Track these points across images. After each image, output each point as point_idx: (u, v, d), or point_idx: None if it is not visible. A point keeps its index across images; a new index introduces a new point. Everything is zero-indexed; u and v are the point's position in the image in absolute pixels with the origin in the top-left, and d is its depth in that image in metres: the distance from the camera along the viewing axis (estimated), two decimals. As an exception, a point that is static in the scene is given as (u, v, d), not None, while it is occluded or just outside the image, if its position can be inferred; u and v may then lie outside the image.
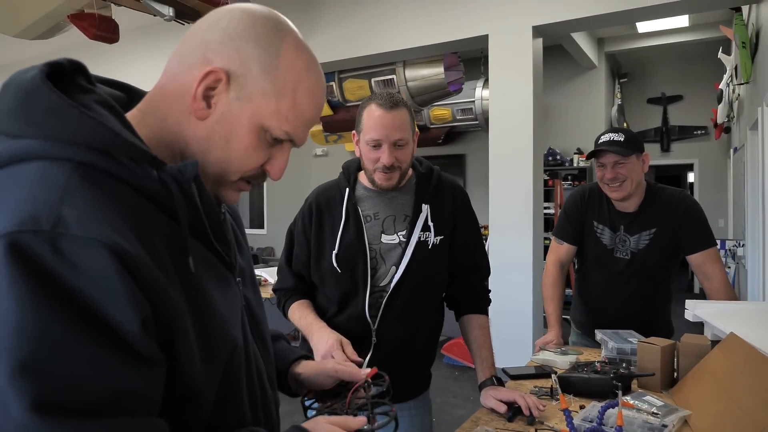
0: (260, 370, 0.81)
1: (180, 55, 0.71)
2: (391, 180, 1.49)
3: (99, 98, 0.66)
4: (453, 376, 4.76)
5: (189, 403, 0.65)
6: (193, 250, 0.66)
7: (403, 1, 4.77)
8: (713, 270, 1.97)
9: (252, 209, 11.01)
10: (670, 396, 1.48)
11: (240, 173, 0.72)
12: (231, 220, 0.86)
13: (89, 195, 0.58)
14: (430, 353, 1.67)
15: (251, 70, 0.68)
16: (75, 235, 0.54)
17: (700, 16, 6.52)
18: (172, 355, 0.61)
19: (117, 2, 3.87)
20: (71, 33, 4.60)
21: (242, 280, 0.80)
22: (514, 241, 4.35)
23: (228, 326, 0.70)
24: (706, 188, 8.08)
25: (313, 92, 0.72)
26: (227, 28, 0.69)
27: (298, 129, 0.72)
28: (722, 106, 6.19)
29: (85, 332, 0.53)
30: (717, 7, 4.11)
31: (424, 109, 7.04)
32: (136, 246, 0.58)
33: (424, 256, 1.52)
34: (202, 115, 0.68)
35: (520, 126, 4.34)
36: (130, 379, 0.56)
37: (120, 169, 0.62)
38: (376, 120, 1.44)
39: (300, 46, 0.72)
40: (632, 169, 1.99)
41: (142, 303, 0.57)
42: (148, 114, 0.71)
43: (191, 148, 0.70)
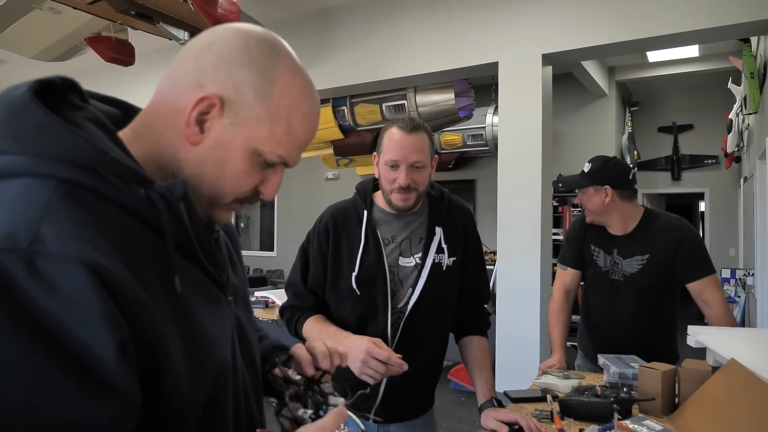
0: (247, 391, 0.79)
1: (172, 77, 0.70)
2: (408, 201, 1.51)
3: (90, 115, 0.66)
4: (459, 401, 4.72)
5: (172, 421, 0.63)
6: (182, 270, 0.65)
7: (415, 28, 4.86)
8: (712, 297, 1.97)
9: (262, 232, 11.08)
10: (670, 421, 1.48)
11: (233, 196, 0.72)
12: (225, 238, 0.86)
13: (70, 213, 0.56)
14: (438, 373, 1.69)
15: (245, 96, 0.67)
16: (52, 253, 0.53)
17: (711, 47, 6.57)
18: (156, 375, 0.59)
19: (133, 26, 3.98)
20: (88, 55, 4.73)
21: (234, 299, 0.79)
22: (522, 267, 4.35)
23: (216, 347, 0.69)
24: (717, 217, 8.04)
25: (308, 116, 0.72)
26: (221, 51, 0.68)
27: (291, 152, 0.72)
28: (732, 136, 6.20)
29: (49, 359, 0.51)
30: (725, 38, 4.15)
31: (435, 134, 7.11)
32: (117, 265, 0.56)
33: (438, 278, 1.55)
34: (196, 140, 0.68)
35: (529, 152, 4.37)
36: (94, 412, 0.52)
37: (106, 187, 0.61)
38: (395, 142, 1.48)
39: (295, 69, 0.71)
40: (588, 199, 2.14)
41: (120, 325, 0.54)
42: (141, 134, 0.70)
43: (185, 171, 0.69)
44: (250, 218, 11.35)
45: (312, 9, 5.32)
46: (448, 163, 7.98)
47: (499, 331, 4.43)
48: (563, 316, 2.22)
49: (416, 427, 1.61)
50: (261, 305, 4.31)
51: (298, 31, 5.43)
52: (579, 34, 4.21)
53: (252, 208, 11.28)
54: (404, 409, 1.59)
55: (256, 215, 11.28)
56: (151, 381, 0.59)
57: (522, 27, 4.41)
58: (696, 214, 11.53)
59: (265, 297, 4.50)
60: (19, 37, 4.27)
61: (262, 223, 11.11)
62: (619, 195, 2.08)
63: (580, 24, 4.19)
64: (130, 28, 4.17)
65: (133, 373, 0.56)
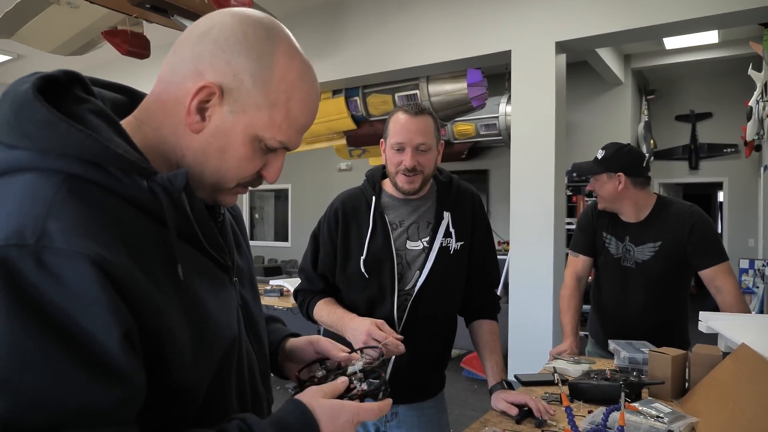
0: (252, 367, 0.82)
1: (172, 65, 0.71)
2: (413, 183, 1.54)
3: (94, 108, 0.67)
4: (472, 389, 4.74)
5: (179, 398, 0.66)
6: (186, 256, 0.68)
7: (427, 17, 4.84)
8: (725, 284, 1.97)
9: (277, 222, 11.17)
10: (679, 404, 1.49)
11: (236, 181, 0.73)
12: (231, 220, 0.88)
13: (75, 208, 0.59)
14: (447, 356, 1.71)
15: (244, 83, 0.68)
16: (59, 249, 0.55)
17: (730, 33, 6.45)
18: (162, 358, 0.62)
19: (148, 19, 4.02)
20: (104, 49, 4.79)
21: (240, 280, 0.82)
22: (535, 257, 4.34)
23: (221, 327, 0.71)
24: (736, 207, 7.92)
25: (307, 100, 0.72)
26: (218, 39, 0.68)
27: (292, 137, 0.73)
28: (752, 124, 6.09)
29: (58, 348, 0.54)
30: (744, 23, 4.07)
31: (448, 124, 7.09)
32: (121, 257, 0.59)
33: (446, 261, 1.57)
34: (197, 128, 0.69)
35: (542, 142, 4.35)
36: (99, 396, 0.55)
37: (110, 181, 0.63)
38: (401, 125, 1.52)
39: (293, 53, 0.71)
40: (601, 186, 2.12)
41: (124, 315, 0.57)
42: (144, 122, 0.72)
43: (187, 158, 0.71)
44: (265, 209, 11.45)
45: (323, 0, 5.32)
46: (461, 153, 7.95)
47: (512, 320, 4.43)
48: (574, 302, 2.23)
49: (425, 410, 1.63)
50: (276, 293, 4.36)
51: (310, 22, 5.44)
52: (593, 21, 4.16)
53: (266, 200, 11.37)
54: (412, 391, 1.61)
55: (270, 206, 11.37)
56: (156, 364, 0.62)
57: (535, 15, 4.37)
58: (714, 204, 11.37)
59: (280, 285, 4.56)
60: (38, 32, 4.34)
61: (276, 214, 11.20)
62: (632, 182, 2.07)
63: (594, 11, 4.14)
64: (145, 21, 4.21)
65: (138, 359, 0.59)
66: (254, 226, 11.36)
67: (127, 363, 0.57)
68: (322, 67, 5.30)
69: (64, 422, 0.54)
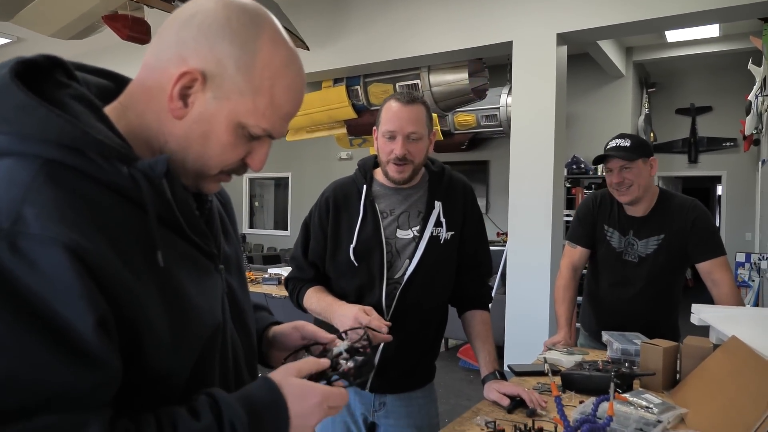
0: (237, 355, 0.81)
1: (157, 50, 0.70)
2: (403, 173, 1.54)
3: (75, 93, 0.66)
4: (468, 379, 4.78)
5: (159, 384, 0.67)
6: (168, 243, 0.67)
7: (429, 7, 4.83)
8: (721, 277, 1.99)
9: (276, 211, 11.18)
10: (670, 396, 1.51)
11: (220, 168, 0.73)
12: (219, 207, 0.87)
13: (52, 194, 0.58)
14: (437, 346, 1.72)
15: (227, 69, 0.67)
16: (33, 234, 0.55)
17: (731, 27, 6.44)
18: (138, 345, 0.62)
19: (149, 4, 4.00)
20: (105, 34, 4.77)
21: (227, 267, 0.81)
22: (533, 248, 4.36)
23: (203, 315, 0.71)
24: (734, 201, 7.94)
25: (292, 87, 0.72)
26: (202, 24, 0.68)
27: (276, 124, 0.72)
28: (750, 118, 6.09)
29: (32, 332, 0.54)
30: (745, 17, 4.08)
31: (449, 115, 7.08)
32: (97, 243, 0.58)
33: (436, 251, 1.58)
34: (180, 114, 0.68)
35: (541, 133, 4.35)
36: (74, 381, 0.56)
37: (89, 166, 0.62)
38: (392, 113, 1.52)
39: (278, 40, 0.70)
40: (638, 173, 2.03)
41: (99, 301, 0.57)
42: (128, 107, 0.71)
43: (170, 145, 0.70)
44: (265, 197, 11.45)
45: (326, -13, 5.30)
46: (462, 143, 7.95)
47: (509, 310, 4.46)
48: (570, 293, 2.23)
49: (413, 400, 1.64)
50: (274, 282, 4.38)
51: (312, 10, 5.41)
52: (595, 12, 4.15)
53: (266, 188, 11.37)
54: (401, 380, 1.62)
55: (270, 195, 11.37)
56: (134, 350, 0.62)
57: (536, 6, 4.36)
58: (713, 198, 11.38)
59: (279, 274, 4.58)
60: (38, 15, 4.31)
61: (276, 203, 11.21)
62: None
63: (595, 2, 4.13)
64: (146, 6, 4.19)
65: (113, 345, 0.59)
66: (254, 214, 11.37)
67: (102, 348, 0.57)
68: (323, 56, 5.29)
69: (38, 406, 0.54)
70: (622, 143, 2.06)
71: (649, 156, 2.06)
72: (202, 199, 0.80)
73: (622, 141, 2.07)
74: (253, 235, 10.85)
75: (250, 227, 11.19)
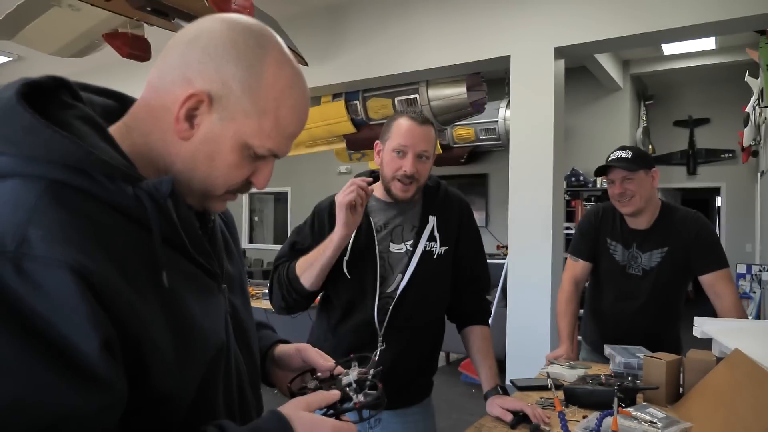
0: (241, 375, 0.81)
1: (161, 71, 0.70)
2: (407, 192, 1.55)
3: (80, 113, 0.67)
4: (470, 393, 4.75)
5: (163, 405, 0.66)
6: (172, 263, 0.68)
7: (427, 22, 4.87)
8: (724, 290, 1.99)
9: (276, 226, 11.17)
10: (674, 410, 1.50)
11: (225, 188, 0.73)
12: (222, 225, 0.87)
13: (57, 216, 0.58)
14: (433, 362, 1.71)
15: (233, 91, 0.68)
16: (38, 256, 0.55)
17: (727, 39, 6.49)
18: (143, 366, 0.62)
19: (149, 22, 4.04)
20: (105, 51, 4.80)
21: (230, 287, 0.81)
22: (533, 261, 4.35)
23: (207, 335, 0.71)
24: (734, 212, 7.95)
25: (297, 108, 0.73)
26: (207, 46, 0.68)
27: (281, 144, 0.73)
28: (749, 129, 6.12)
29: (38, 355, 0.54)
30: (741, 30, 4.11)
31: (448, 129, 7.11)
32: (103, 264, 0.58)
33: (429, 265, 1.58)
34: (186, 136, 0.69)
35: (540, 146, 4.36)
36: (80, 403, 0.55)
37: (94, 187, 0.62)
38: (406, 129, 1.53)
39: (283, 61, 0.71)
40: (640, 184, 2.03)
41: (104, 323, 0.57)
42: (133, 128, 0.72)
43: (177, 166, 0.71)
44: (264, 212, 11.45)
45: (324, 4, 5.35)
46: (461, 157, 7.97)
47: (510, 324, 4.44)
48: (572, 307, 2.23)
49: (409, 416, 1.62)
50: (274, 297, 4.36)
51: (310, 26, 5.46)
52: (592, 26, 4.19)
53: (266, 203, 11.37)
54: (396, 397, 1.60)
55: (269, 209, 11.37)
56: (138, 371, 0.62)
57: (534, 20, 4.40)
58: (712, 209, 11.39)
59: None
60: (39, 34, 4.34)
61: (276, 217, 11.21)
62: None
63: (592, 16, 4.17)
64: (146, 24, 4.22)
65: (118, 367, 0.59)
66: (254, 229, 11.36)
67: (108, 370, 0.57)
68: (322, 71, 5.32)
69: (45, 429, 0.54)
70: (624, 155, 2.07)
71: (650, 168, 2.07)
72: (205, 219, 0.80)
73: (623, 152, 2.08)
74: (253, 250, 10.83)
75: (250, 242, 11.18)
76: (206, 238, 0.78)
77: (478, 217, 8.12)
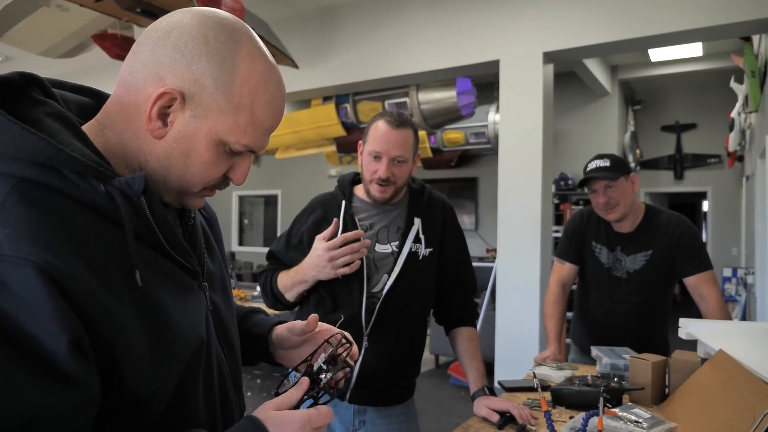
0: (222, 373, 0.80)
1: (132, 67, 0.69)
2: (385, 193, 1.57)
3: (51, 110, 0.65)
4: (459, 396, 4.75)
5: (139, 405, 0.65)
6: (148, 261, 0.66)
7: (417, 26, 4.89)
8: (708, 292, 2.01)
9: (266, 228, 11.15)
10: (659, 410, 1.51)
11: (202, 185, 0.72)
12: (203, 223, 0.86)
13: (24, 213, 0.57)
14: (416, 363, 1.72)
15: (205, 88, 0.66)
16: (4, 255, 0.54)
17: (713, 46, 6.58)
18: (116, 365, 0.61)
19: (139, 23, 4.02)
20: (94, 52, 4.78)
21: (211, 285, 0.80)
22: (522, 265, 4.38)
23: (185, 334, 0.70)
24: (720, 216, 8.05)
25: (272, 102, 0.71)
26: (178, 42, 0.66)
27: (257, 140, 0.71)
28: (734, 134, 6.20)
29: (6, 354, 0.53)
30: (726, 36, 4.17)
31: (438, 132, 7.14)
32: (72, 263, 0.57)
33: (414, 266, 1.60)
34: (159, 134, 0.68)
35: (529, 150, 4.39)
36: (52, 403, 0.54)
37: (64, 184, 0.61)
38: (381, 134, 1.54)
39: (256, 56, 0.69)
40: (622, 191, 2.06)
41: (73, 322, 0.56)
42: (106, 126, 0.70)
43: (151, 164, 0.69)
44: (254, 215, 11.41)
45: (315, 7, 5.36)
46: (450, 161, 8.01)
47: (499, 328, 4.46)
48: (559, 309, 2.24)
49: (393, 417, 1.63)
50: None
51: (301, 28, 5.46)
52: (580, 32, 4.23)
53: (256, 205, 11.34)
54: (381, 395, 1.62)
55: (259, 212, 11.34)
56: (112, 370, 0.61)
57: (523, 25, 4.43)
58: (699, 214, 11.52)
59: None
60: (27, 34, 4.32)
61: (265, 220, 11.18)
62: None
63: (581, 22, 4.21)
64: (135, 25, 4.21)
65: (89, 366, 0.58)
66: (243, 232, 11.33)
67: (78, 369, 0.56)
68: (313, 74, 5.33)
69: (17, 429, 0.53)
70: (602, 164, 2.10)
71: (629, 173, 2.10)
72: (185, 216, 0.79)
73: (601, 162, 2.11)
74: (242, 253, 10.79)
75: (240, 245, 11.14)
76: (186, 235, 0.77)
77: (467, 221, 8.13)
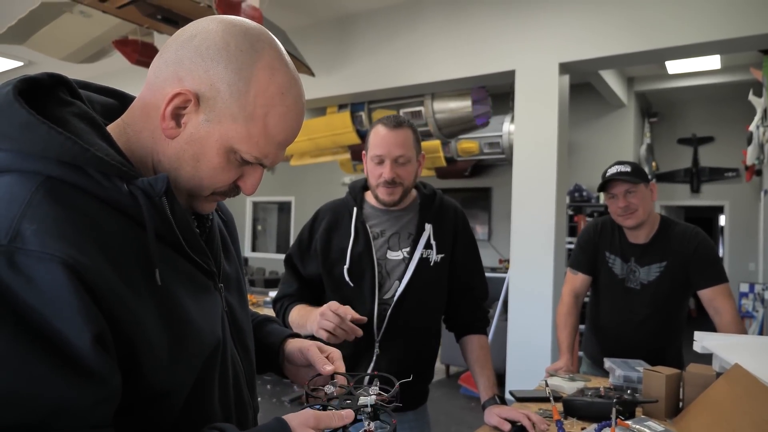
0: (237, 373, 0.80)
1: (157, 68, 0.70)
2: (393, 195, 1.57)
3: (78, 111, 0.67)
4: (469, 407, 4.72)
5: (156, 402, 0.66)
6: (168, 261, 0.68)
7: (433, 36, 4.91)
8: (723, 305, 1.98)
9: (279, 234, 11.19)
10: (673, 424, 1.50)
11: (211, 189, 0.73)
12: (220, 224, 0.87)
13: (51, 210, 0.59)
14: (429, 370, 1.71)
15: (220, 93, 0.67)
16: (31, 250, 0.55)
17: (732, 59, 6.53)
18: (136, 361, 0.62)
19: (159, 30, 4.09)
20: (115, 58, 4.86)
21: (226, 286, 0.81)
22: (535, 275, 4.36)
23: (202, 334, 0.70)
24: (737, 231, 7.94)
25: (286, 116, 0.71)
26: (200, 46, 0.68)
27: (269, 153, 0.72)
28: (752, 148, 6.13)
29: (31, 348, 0.54)
30: (744, 49, 4.14)
31: (452, 142, 7.14)
32: (96, 260, 0.58)
33: (425, 272, 1.60)
34: (171, 134, 0.69)
35: (544, 161, 4.38)
36: (75, 396, 0.55)
37: (89, 183, 0.63)
38: (380, 138, 1.55)
39: (275, 68, 0.69)
40: (642, 197, 2.04)
41: (96, 317, 0.57)
42: (129, 125, 0.72)
43: (163, 164, 0.71)
44: (268, 221, 11.47)
45: (332, 16, 5.41)
46: (464, 170, 7.99)
47: (511, 337, 4.43)
48: (572, 320, 2.23)
49: (405, 423, 1.63)
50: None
51: (318, 37, 5.51)
52: (596, 43, 4.22)
53: (269, 212, 11.40)
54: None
55: (273, 219, 11.40)
56: (132, 367, 0.62)
57: (539, 35, 4.44)
58: (716, 228, 11.37)
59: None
60: (50, 39, 4.40)
61: (279, 227, 11.22)
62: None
63: (597, 33, 4.21)
64: (155, 32, 4.28)
65: (112, 361, 0.59)
66: (257, 238, 11.38)
67: (101, 364, 0.57)
68: (329, 82, 5.37)
69: (40, 422, 0.54)
70: (623, 169, 2.08)
71: (648, 181, 2.08)
72: (203, 218, 0.80)
73: (622, 167, 2.09)
74: (255, 259, 10.84)
75: (253, 251, 11.19)
76: (204, 236, 0.78)
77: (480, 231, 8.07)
